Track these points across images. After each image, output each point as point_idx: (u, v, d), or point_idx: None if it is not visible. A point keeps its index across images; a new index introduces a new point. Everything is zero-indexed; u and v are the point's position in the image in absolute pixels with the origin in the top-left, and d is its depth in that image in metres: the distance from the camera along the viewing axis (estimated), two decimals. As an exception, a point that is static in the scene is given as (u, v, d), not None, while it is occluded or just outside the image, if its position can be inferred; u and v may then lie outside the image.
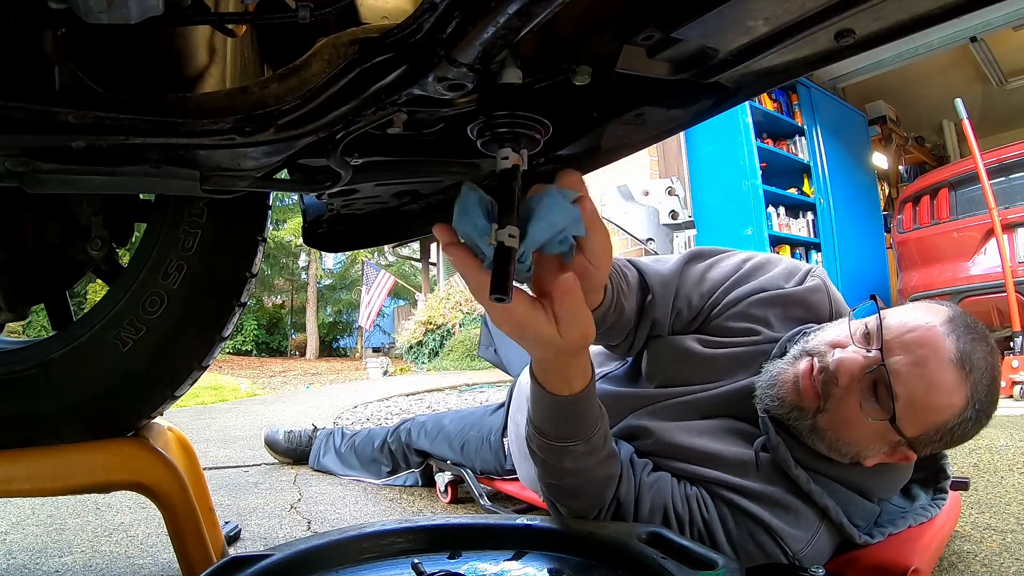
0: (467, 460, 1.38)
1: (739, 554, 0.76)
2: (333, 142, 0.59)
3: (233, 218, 0.86)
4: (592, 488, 0.76)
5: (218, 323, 0.88)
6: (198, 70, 0.57)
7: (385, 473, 1.63)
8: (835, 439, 0.76)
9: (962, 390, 0.71)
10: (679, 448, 0.84)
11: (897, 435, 0.73)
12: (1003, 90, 5.49)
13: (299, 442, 1.92)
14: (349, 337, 20.18)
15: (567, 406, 0.69)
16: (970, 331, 0.73)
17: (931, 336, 0.72)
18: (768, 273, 0.91)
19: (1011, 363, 2.56)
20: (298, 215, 4.63)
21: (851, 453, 0.77)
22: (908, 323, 0.73)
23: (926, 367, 0.71)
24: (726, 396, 0.86)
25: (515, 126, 0.54)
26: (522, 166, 0.54)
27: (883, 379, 0.71)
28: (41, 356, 0.82)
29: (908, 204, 3.44)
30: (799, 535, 0.76)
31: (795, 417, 0.78)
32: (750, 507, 0.77)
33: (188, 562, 0.85)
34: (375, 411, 3.40)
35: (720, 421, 0.86)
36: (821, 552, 0.78)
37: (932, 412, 0.72)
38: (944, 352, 0.71)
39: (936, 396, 0.71)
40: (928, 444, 0.75)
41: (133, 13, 0.40)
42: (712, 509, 0.78)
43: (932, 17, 0.51)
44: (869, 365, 0.73)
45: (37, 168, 0.56)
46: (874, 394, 0.73)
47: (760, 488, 0.78)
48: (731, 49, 0.57)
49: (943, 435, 0.74)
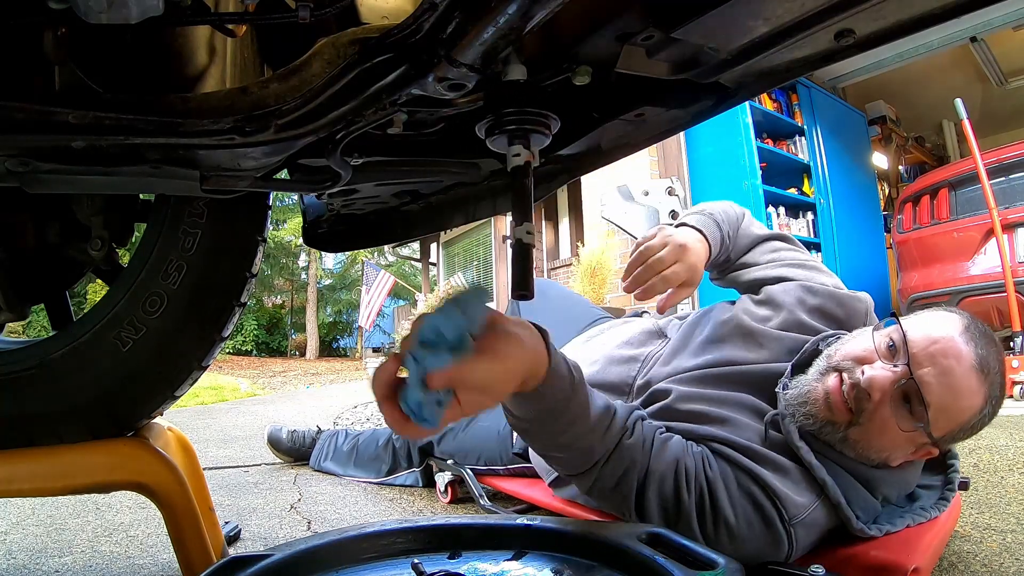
0: (472, 450, 1.38)
1: (737, 517, 0.77)
2: (333, 142, 0.59)
3: (233, 218, 0.86)
4: (582, 451, 0.78)
5: (218, 323, 0.88)
6: (198, 70, 0.57)
7: (384, 472, 1.63)
8: (867, 447, 0.82)
9: (982, 391, 0.77)
10: (691, 412, 0.89)
11: (927, 438, 0.79)
12: (1003, 90, 5.49)
13: (302, 442, 1.92)
14: (349, 337, 20.18)
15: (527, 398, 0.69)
16: (984, 336, 0.79)
17: (954, 347, 0.77)
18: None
19: (1011, 363, 2.56)
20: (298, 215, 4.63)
21: (881, 458, 0.83)
22: (931, 335, 0.79)
23: (952, 376, 0.76)
24: (751, 374, 0.93)
25: (525, 122, 0.54)
26: (534, 162, 0.54)
27: (915, 391, 0.77)
28: (41, 356, 0.82)
29: (908, 204, 3.44)
30: (797, 501, 0.79)
31: (828, 432, 0.83)
32: (752, 466, 0.80)
33: (188, 562, 0.84)
34: (375, 411, 3.40)
35: (739, 395, 0.91)
36: (815, 526, 0.80)
37: (958, 414, 0.78)
38: (966, 360, 0.77)
39: (962, 400, 0.77)
40: (950, 440, 0.82)
41: (133, 13, 0.40)
42: (715, 466, 0.81)
43: (932, 17, 0.52)
44: (899, 379, 0.78)
45: (37, 168, 0.56)
46: (905, 404, 0.78)
47: (764, 452, 0.82)
48: (731, 49, 0.57)
49: (964, 431, 0.80)
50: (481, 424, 1.39)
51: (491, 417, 1.37)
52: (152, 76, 0.56)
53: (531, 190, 0.53)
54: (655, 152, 4.54)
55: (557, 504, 1.09)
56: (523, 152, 0.54)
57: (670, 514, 0.79)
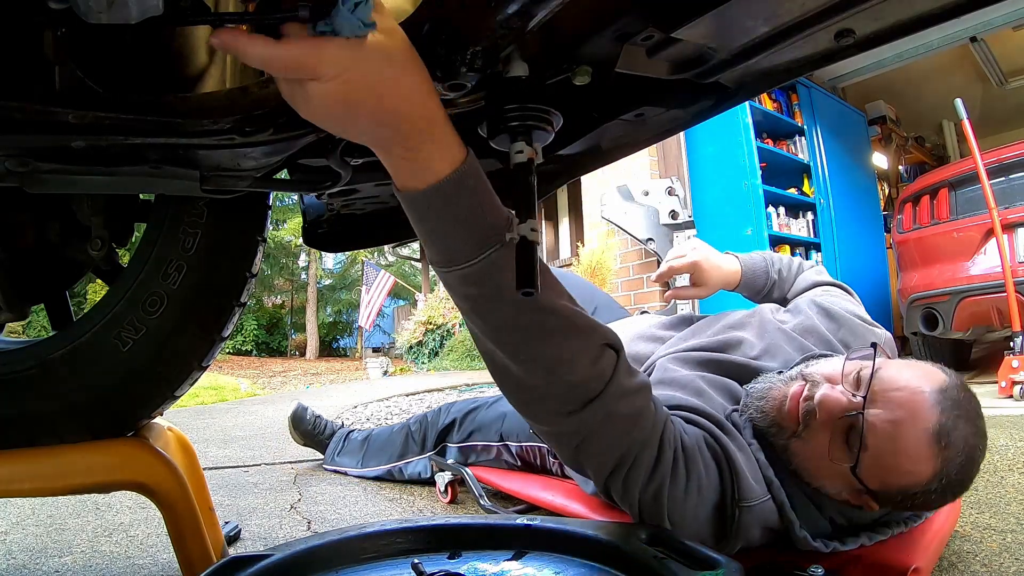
0: (492, 423, 1.39)
1: (701, 488, 0.74)
2: (333, 142, 0.59)
3: (233, 218, 0.86)
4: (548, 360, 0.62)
5: (218, 323, 0.88)
6: (198, 70, 0.57)
7: (396, 456, 1.62)
8: (802, 465, 0.79)
9: (932, 463, 0.70)
10: (675, 379, 0.91)
11: (861, 484, 0.73)
12: (1003, 90, 5.48)
13: (321, 430, 1.87)
14: (349, 337, 20.18)
15: (437, 203, 0.52)
16: (958, 407, 0.72)
17: (915, 401, 0.71)
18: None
19: (1011, 363, 2.55)
20: (298, 215, 4.62)
21: (814, 483, 0.79)
22: (898, 381, 0.74)
23: (900, 429, 0.71)
24: (741, 366, 0.94)
25: (527, 119, 0.54)
26: (537, 159, 0.54)
27: (857, 427, 0.72)
28: (41, 356, 0.82)
29: (908, 204, 3.43)
30: (752, 485, 0.76)
31: (773, 432, 0.81)
32: (723, 440, 0.78)
33: (188, 562, 0.84)
34: (375, 411, 3.40)
35: (722, 379, 0.92)
36: (759, 520, 0.76)
37: (895, 474, 0.72)
38: (923, 421, 0.70)
39: (901, 460, 0.71)
40: (888, 502, 0.76)
41: (133, 13, 0.40)
42: (691, 431, 0.78)
43: (932, 17, 0.52)
44: (849, 409, 0.73)
45: (37, 168, 0.56)
46: (847, 438, 0.74)
47: (730, 427, 0.81)
48: (731, 49, 0.57)
49: (904, 499, 0.74)
50: (504, 403, 1.40)
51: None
52: (152, 76, 0.56)
53: (535, 187, 0.52)
54: (655, 152, 4.53)
55: (557, 504, 1.09)
56: (526, 149, 0.54)
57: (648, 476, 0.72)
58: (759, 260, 1.23)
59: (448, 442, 1.50)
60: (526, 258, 0.50)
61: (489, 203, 0.54)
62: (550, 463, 1.28)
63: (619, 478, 0.72)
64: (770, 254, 1.27)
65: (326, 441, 1.86)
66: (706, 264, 1.17)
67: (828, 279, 1.23)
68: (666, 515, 0.72)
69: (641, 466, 0.71)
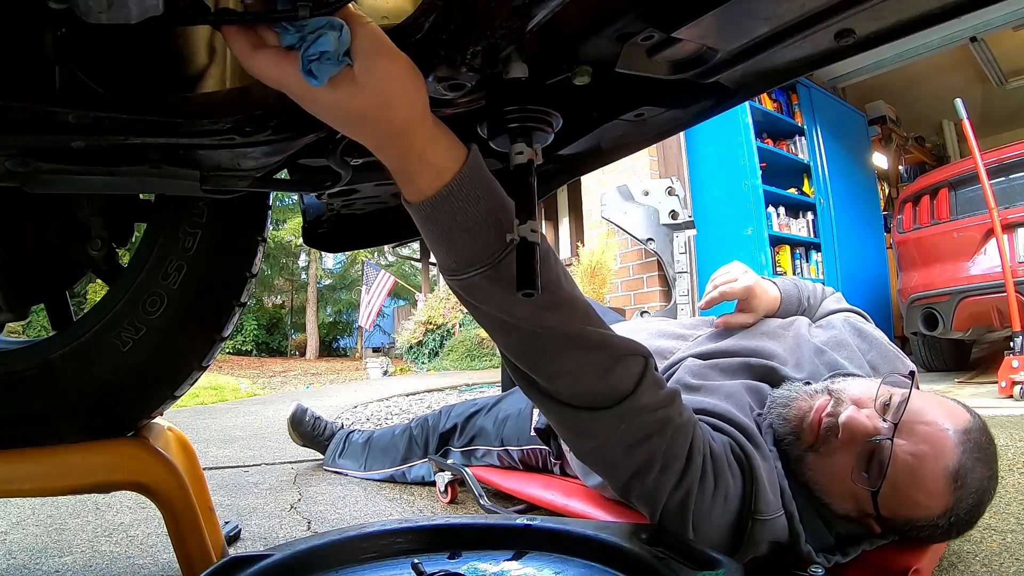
0: (493, 430, 1.39)
1: (727, 496, 0.73)
2: (333, 142, 0.59)
3: (233, 218, 0.86)
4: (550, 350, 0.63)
5: (218, 323, 0.88)
6: (198, 70, 0.57)
7: (399, 460, 1.61)
8: (814, 479, 0.79)
9: (944, 500, 0.72)
10: (696, 386, 0.90)
11: (871, 508, 0.74)
12: (1003, 90, 5.49)
13: (320, 431, 1.86)
14: (349, 337, 20.18)
15: (429, 215, 0.54)
16: (978, 450, 0.74)
17: (940, 437, 0.72)
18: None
19: (1011, 363, 2.55)
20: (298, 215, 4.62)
21: (823, 498, 0.79)
22: (926, 414, 0.74)
23: (922, 463, 0.71)
24: (775, 372, 0.94)
25: (527, 120, 0.54)
26: (537, 160, 0.54)
27: (882, 455, 0.72)
28: (41, 356, 0.82)
29: (908, 204, 3.43)
30: (771, 501, 0.75)
31: (790, 441, 0.81)
32: (749, 449, 0.77)
33: (188, 562, 0.84)
34: (375, 411, 3.40)
35: (751, 383, 0.92)
36: (770, 534, 0.75)
37: (908, 505, 0.73)
38: (944, 459, 0.71)
39: (917, 494, 0.72)
40: (892, 529, 0.77)
41: (133, 13, 0.40)
42: (719, 439, 0.78)
43: (932, 17, 0.52)
44: (874, 434, 0.74)
45: (37, 168, 0.56)
46: (867, 462, 0.74)
47: (758, 436, 0.81)
48: (731, 49, 0.57)
49: (910, 529, 0.75)
50: (504, 407, 1.40)
51: (514, 401, 1.39)
52: (152, 76, 0.56)
53: (535, 188, 0.52)
54: (655, 152, 4.53)
55: (557, 504, 1.09)
56: (525, 150, 0.54)
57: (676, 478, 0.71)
58: (791, 286, 1.19)
59: (451, 447, 1.50)
60: (526, 260, 0.50)
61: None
62: (551, 464, 1.28)
63: (642, 482, 0.71)
64: (798, 280, 1.23)
65: (325, 442, 1.86)
66: (758, 289, 1.09)
67: (848, 306, 1.22)
68: (690, 523, 0.71)
69: (669, 472, 0.71)
